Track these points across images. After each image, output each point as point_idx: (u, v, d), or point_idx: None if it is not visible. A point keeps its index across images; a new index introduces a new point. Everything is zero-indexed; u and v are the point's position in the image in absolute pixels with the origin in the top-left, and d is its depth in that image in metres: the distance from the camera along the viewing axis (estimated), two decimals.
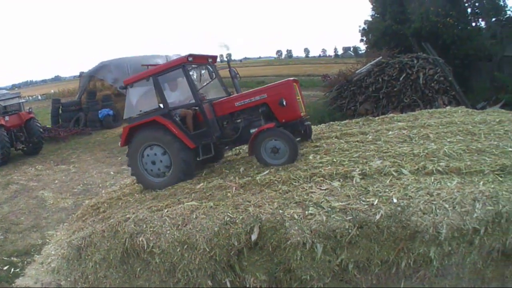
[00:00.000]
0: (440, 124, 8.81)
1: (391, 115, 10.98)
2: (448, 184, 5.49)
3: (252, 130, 7.57)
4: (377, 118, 10.54)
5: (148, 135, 7.74)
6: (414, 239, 4.81)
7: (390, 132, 8.46)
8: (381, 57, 20.84)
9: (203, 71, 8.60)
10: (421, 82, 18.16)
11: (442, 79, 18.48)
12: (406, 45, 23.32)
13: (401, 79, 18.62)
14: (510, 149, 6.74)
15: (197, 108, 7.90)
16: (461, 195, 5.14)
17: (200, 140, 7.71)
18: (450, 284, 5.00)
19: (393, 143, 7.59)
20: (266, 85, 8.30)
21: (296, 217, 5.02)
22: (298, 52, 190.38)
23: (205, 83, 8.51)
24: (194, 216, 5.47)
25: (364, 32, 30.99)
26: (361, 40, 33.47)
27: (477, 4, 22.90)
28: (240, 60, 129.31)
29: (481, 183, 5.49)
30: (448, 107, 11.35)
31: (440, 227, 4.73)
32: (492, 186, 5.38)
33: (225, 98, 8.26)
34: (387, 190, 5.42)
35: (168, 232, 5.38)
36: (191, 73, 8.25)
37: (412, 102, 18.12)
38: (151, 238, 5.40)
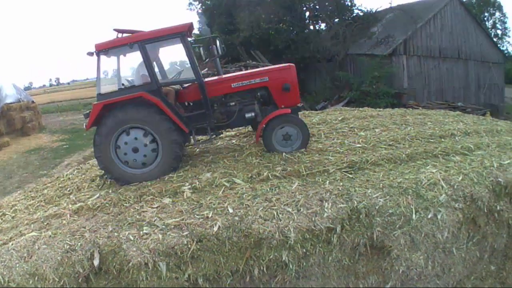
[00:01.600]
0: None
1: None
2: (288, 188, 5.73)
3: (248, 115, 7.41)
4: None
5: (130, 115, 6.86)
6: (260, 246, 5.07)
7: (219, 142, 8.51)
8: (206, 69, 21.24)
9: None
10: None
11: None
12: (235, 54, 24.26)
13: None
14: (358, 146, 7.19)
15: (182, 87, 7.62)
16: (304, 197, 5.37)
17: (194, 124, 7.25)
18: (317, 284, 5.30)
19: (223, 154, 7.60)
20: (265, 68, 7.98)
21: (132, 238, 5.23)
22: None
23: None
24: (37, 247, 5.51)
25: None
26: None
27: (317, 7, 24.52)
28: (68, 83, 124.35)
29: (327, 182, 5.77)
30: None
31: (287, 231, 4.99)
32: (341, 183, 5.70)
33: (220, 77, 7.92)
34: (221, 201, 5.61)
35: (17, 265, 5.34)
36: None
37: None
38: (4, 273, 5.30)
